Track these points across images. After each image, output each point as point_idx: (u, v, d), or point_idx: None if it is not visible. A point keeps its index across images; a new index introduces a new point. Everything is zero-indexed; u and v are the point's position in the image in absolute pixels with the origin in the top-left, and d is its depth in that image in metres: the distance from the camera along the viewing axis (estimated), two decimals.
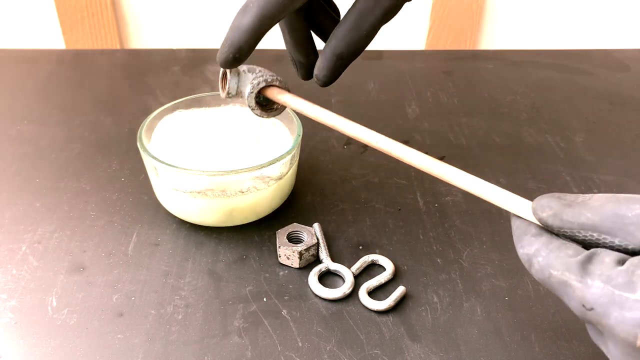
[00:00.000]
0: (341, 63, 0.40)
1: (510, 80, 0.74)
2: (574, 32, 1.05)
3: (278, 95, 0.41)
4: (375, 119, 0.65)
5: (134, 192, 0.53)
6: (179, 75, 0.72)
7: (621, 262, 0.26)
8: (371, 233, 0.49)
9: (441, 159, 0.58)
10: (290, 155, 0.47)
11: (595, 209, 0.27)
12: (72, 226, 0.49)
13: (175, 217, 0.49)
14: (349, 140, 0.61)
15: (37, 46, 1.04)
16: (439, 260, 0.46)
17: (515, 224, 0.31)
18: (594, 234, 0.27)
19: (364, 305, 0.42)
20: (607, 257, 0.26)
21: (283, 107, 0.43)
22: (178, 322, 0.41)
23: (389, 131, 0.63)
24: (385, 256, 0.46)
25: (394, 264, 0.45)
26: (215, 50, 0.80)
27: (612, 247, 0.27)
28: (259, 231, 0.49)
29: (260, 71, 0.41)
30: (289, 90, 0.41)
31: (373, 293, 0.43)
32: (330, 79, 0.41)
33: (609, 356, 0.27)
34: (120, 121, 0.62)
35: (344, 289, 0.43)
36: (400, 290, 0.43)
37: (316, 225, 0.48)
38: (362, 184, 0.54)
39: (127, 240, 0.47)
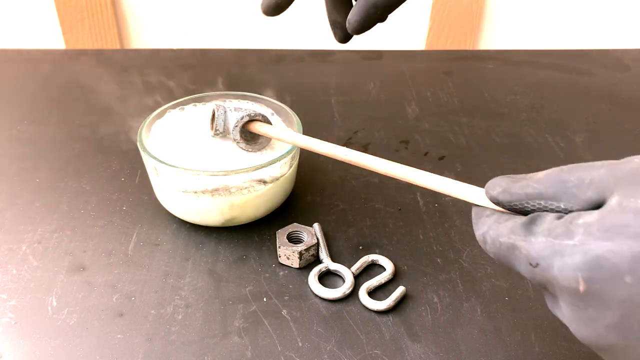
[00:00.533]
0: (374, 11, 0.41)
1: (510, 80, 0.74)
2: (574, 32, 1.05)
3: (259, 127, 0.45)
4: (375, 119, 0.65)
5: (134, 192, 0.53)
6: (179, 76, 0.72)
7: (561, 219, 0.27)
8: (371, 233, 0.49)
9: (441, 159, 0.58)
10: (290, 155, 0.47)
11: (540, 179, 0.28)
12: (72, 226, 0.49)
13: (175, 217, 0.49)
14: (349, 141, 0.61)
15: (37, 46, 1.04)
16: (439, 260, 0.46)
17: (473, 212, 0.32)
18: (541, 202, 0.28)
19: (364, 305, 0.42)
20: (549, 216, 0.27)
21: (267, 142, 0.47)
22: (178, 322, 0.41)
23: (389, 131, 0.63)
24: (385, 256, 0.46)
25: (394, 264, 0.45)
26: (215, 50, 0.80)
27: (558, 212, 0.28)
28: (259, 231, 0.49)
29: (245, 110, 0.46)
30: (270, 123, 0.46)
31: (373, 293, 0.43)
32: (361, 24, 0.42)
33: (564, 320, 0.27)
34: (121, 121, 0.62)
35: (344, 289, 0.43)
36: (400, 290, 0.43)
37: (316, 225, 0.48)
38: (362, 184, 0.54)
39: (127, 240, 0.48)
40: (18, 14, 1.02)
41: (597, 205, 0.26)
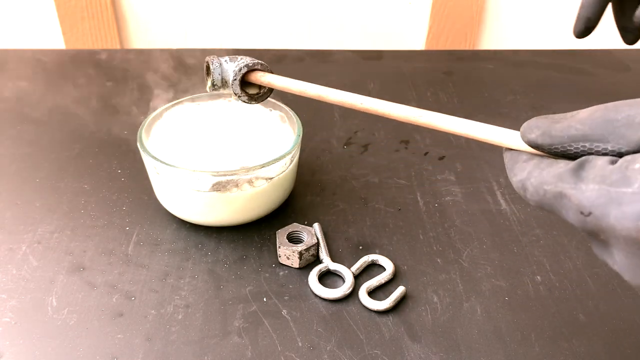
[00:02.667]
0: None
1: (510, 80, 0.74)
2: None
3: (261, 77, 0.41)
4: (375, 118, 0.65)
5: (134, 192, 0.53)
6: (178, 76, 0.72)
7: (613, 163, 0.25)
8: (371, 233, 0.49)
9: (441, 159, 0.58)
10: (290, 155, 0.47)
11: (583, 119, 0.26)
12: (72, 226, 0.49)
13: (175, 217, 0.49)
14: (349, 141, 0.61)
15: (37, 46, 1.04)
16: (439, 260, 0.46)
17: (507, 157, 0.30)
18: (586, 144, 0.26)
19: (364, 305, 0.42)
20: (599, 161, 0.25)
21: (269, 92, 0.43)
22: (178, 322, 0.41)
23: (389, 131, 0.63)
24: (385, 256, 0.46)
25: (394, 264, 0.45)
26: (215, 51, 0.80)
27: (605, 154, 0.26)
28: (259, 231, 0.49)
29: (241, 59, 0.41)
30: (271, 72, 0.41)
31: (373, 293, 0.43)
32: None
33: (615, 268, 0.26)
34: (120, 121, 0.62)
35: (344, 289, 0.43)
36: (400, 290, 0.43)
37: (316, 225, 0.48)
38: (362, 184, 0.54)
39: (127, 240, 0.48)
40: (18, 14, 1.02)
41: None
